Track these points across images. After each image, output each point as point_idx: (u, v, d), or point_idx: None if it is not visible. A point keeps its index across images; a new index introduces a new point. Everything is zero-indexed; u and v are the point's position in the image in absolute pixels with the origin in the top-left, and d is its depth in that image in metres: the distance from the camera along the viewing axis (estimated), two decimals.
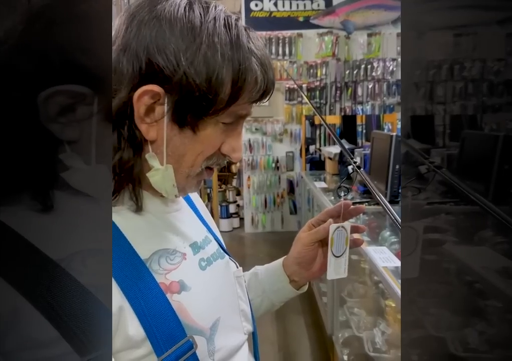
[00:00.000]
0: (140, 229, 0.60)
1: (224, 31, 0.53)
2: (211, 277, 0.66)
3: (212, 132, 0.57)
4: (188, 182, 0.61)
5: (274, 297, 0.83)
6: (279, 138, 4.99)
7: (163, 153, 0.57)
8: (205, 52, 0.52)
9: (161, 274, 0.58)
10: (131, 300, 0.53)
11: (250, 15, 4.76)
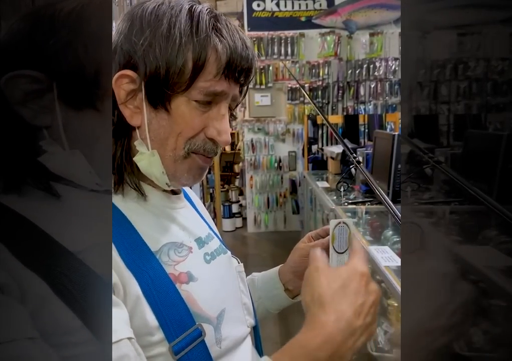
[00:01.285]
0: (149, 223, 0.62)
1: (185, 14, 0.57)
2: (215, 270, 0.67)
3: (185, 110, 0.58)
4: (176, 168, 0.61)
5: (269, 303, 0.84)
6: (281, 137, 4.99)
7: (147, 138, 0.59)
8: (164, 31, 0.55)
9: (170, 265, 0.60)
10: (143, 290, 0.55)
11: (253, 15, 4.76)
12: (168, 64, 0.55)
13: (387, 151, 2.39)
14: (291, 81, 4.81)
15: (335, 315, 0.54)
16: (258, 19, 4.76)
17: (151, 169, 0.60)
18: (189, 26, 0.56)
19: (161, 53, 0.55)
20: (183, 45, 0.55)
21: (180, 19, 0.56)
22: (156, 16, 0.57)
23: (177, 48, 0.55)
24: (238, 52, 0.58)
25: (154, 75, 0.56)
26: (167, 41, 0.55)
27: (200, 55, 0.56)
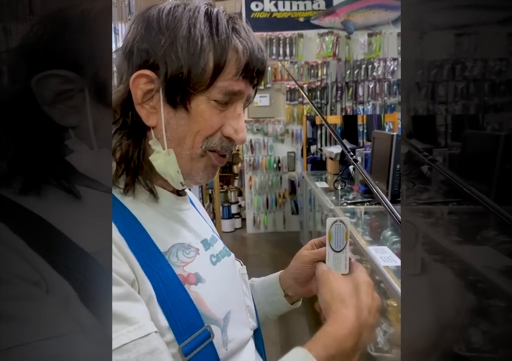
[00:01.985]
0: (158, 223, 0.62)
1: (203, 16, 0.58)
2: (220, 272, 0.68)
3: (205, 109, 0.59)
4: (192, 166, 0.62)
5: (268, 309, 0.84)
6: (280, 138, 4.99)
7: (163, 137, 0.60)
8: (185, 32, 0.57)
9: (179, 266, 0.61)
10: (155, 290, 0.56)
11: (251, 16, 4.76)
12: (191, 65, 0.56)
13: (385, 151, 2.40)
14: (290, 82, 4.81)
15: (355, 310, 0.60)
16: (256, 20, 4.76)
17: (166, 168, 0.61)
18: (208, 27, 0.57)
19: (183, 54, 0.56)
20: (204, 46, 0.57)
21: (200, 21, 0.57)
22: (174, 17, 0.58)
23: (199, 49, 0.56)
24: (256, 54, 0.60)
25: (176, 75, 0.57)
26: (188, 42, 0.56)
27: (222, 55, 0.57)
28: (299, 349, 0.57)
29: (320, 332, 0.59)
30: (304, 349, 0.57)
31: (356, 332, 0.58)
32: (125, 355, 0.48)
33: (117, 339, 0.48)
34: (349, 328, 0.58)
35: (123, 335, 0.49)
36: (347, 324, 0.58)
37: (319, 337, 0.58)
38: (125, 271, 0.53)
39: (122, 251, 0.54)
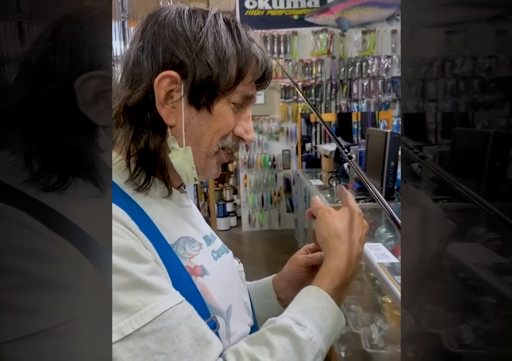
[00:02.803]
0: (165, 217, 0.66)
1: (224, 24, 0.63)
2: (221, 267, 0.71)
3: (225, 111, 0.64)
4: (207, 163, 0.67)
5: (261, 311, 0.85)
6: (275, 136, 4.99)
7: (182, 136, 0.64)
8: (211, 39, 0.61)
9: (186, 257, 0.64)
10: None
11: (245, 14, 4.75)
12: (219, 71, 0.61)
13: (379, 149, 2.40)
14: (284, 80, 4.81)
15: (348, 244, 0.68)
16: (250, 17, 4.75)
17: (183, 164, 0.65)
18: (231, 36, 0.63)
19: (212, 60, 0.60)
20: (230, 54, 0.61)
21: (223, 29, 0.62)
22: (197, 24, 0.62)
23: (226, 56, 0.61)
24: (269, 62, 0.67)
25: (204, 79, 0.61)
26: (216, 49, 0.61)
27: (245, 63, 0.63)
28: (311, 287, 0.65)
29: (324, 268, 0.67)
30: (315, 286, 0.65)
31: (353, 262, 0.67)
32: (168, 321, 0.53)
33: (157, 308, 0.53)
34: (347, 261, 0.66)
35: (161, 303, 0.53)
36: (345, 258, 0.67)
37: (324, 273, 0.66)
38: (148, 253, 0.58)
39: (141, 238, 0.58)
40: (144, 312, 0.52)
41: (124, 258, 0.54)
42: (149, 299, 0.53)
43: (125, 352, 0.50)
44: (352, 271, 0.67)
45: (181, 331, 0.54)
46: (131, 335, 0.51)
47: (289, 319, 0.60)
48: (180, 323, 0.54)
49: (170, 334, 0.53)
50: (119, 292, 0.52)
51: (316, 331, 0.60)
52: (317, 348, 0.59)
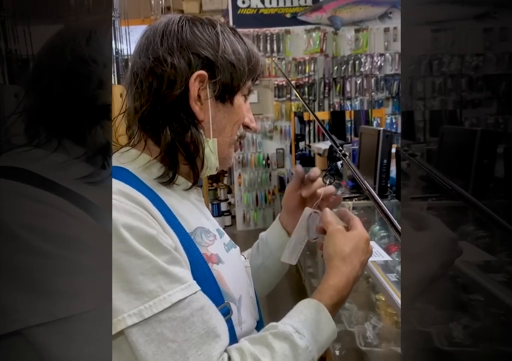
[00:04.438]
0: (183, 208, 0.70)
1: (231, 32, 0.73)
2: (232, 259, 0.76)
3: (241, 103, 0.74)
4: (228, 152, 0.75)
5: (281, 254, 0.89)
6: (269, 135, 4.99)
7: (209, 129, 0.71)
8: (227, 42, 0.71)
9: (203, 246, 0.69)
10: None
11: (238, 13, 4.75)
12: (240, 69, 0.71)
13: (372, 147, 2.40)
14: (278, 78, 4.81)
15: (351, 267, 0.71)
16: (243, 16, 4.75)
17: (210, 155, 0.72)
18: (237, 40, 0.72)
19: (233, 62, 0.70)
20: (243, 55, 0.71)
21: (231, 34, 0.72)
22: (212, 32, 0.71)
23: (242, 57, 0.71)
24: (263, 61, 0.77)
25: (228, 78, 0.70)
26: (233, 52, 0.70)
27: (254, 62, 0.73)
28: (311, 300, 0.69)
29: (324, 284, 0.71)
30: (315, 300, 0.69)
31: (351, 283, 0.71)
32: (182, 312, 0.57)
33: (174, 296, 0.57)
34: (346, 281, 0.71)
35: (178, 292, 0.57)
36: (345, 278, 0.71)
37: (325, 289, 0.70)
38: (169, 241, 0.61)
39: (161, 224, 0.62)
40: (162, 298, 0.56)
41: (149, 245, 0.57)
42: (168, 287, 0.57)
43: (143, 336, 0.54)
44: (349, 290, 0.71)
45: (193, 322, 0.58)
46: (149, 320, 0.55)
47: (290, 327, 0.64)
48: (193, 315, 0.58)
49: (183, 324, 0.57)
50: (142, 276, 0.56)
51: (312, 341, 0.64)
52: (311, 357, 0.64)
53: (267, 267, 0.93)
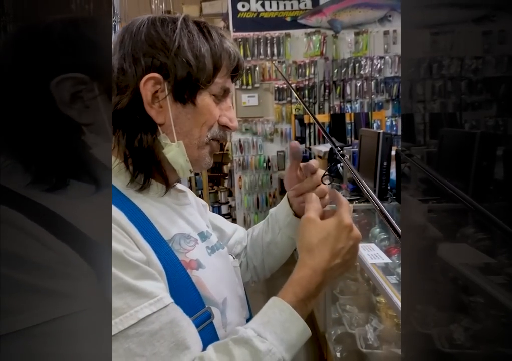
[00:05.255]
0: (161, 215, 0.70)
1: (194, 25, 0.69)
2: (216, 262, 0.75)
3: (208, 103, 0.70)
4: (200, 154, 0.72)
5: (289, 231, 0.91)
6: (269, 137, 4.99)
7: (172, 132, 0.68)
8: (185, 39, 0.66)
9: (182, 252, 0.69)
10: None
11: (238, 16, 4.75)
12: (197, 67, 0.66)
13: (372, 149, 2.41)
14: (278, 81, 4.81)
15: (318, 258, 0.67)
16: (243, 19, 4.75)
17: (177, 158, 0.69)
18: (202, 35, 0.68)
19: (190, 58, 0.66)
20: (205, 50, 0.67)
21: (195, 29, 0.68)
22: (171, 29, 0.67)
23: (202, 53, 0.67)
24: (241, 56, 0.73)
25: (185, 76, 0.66)
26: (192, 49, 0.66)
27: (219, 57, 0.69)
28: (275, 300, 0.66)
29: (288, 281, 0.68)
30: (279, 299, 0.66)
31: (319, 275, 0.67)
32: (151, 326, 0.56)
33: (141, 311, 0.56)
34: (312, 275, 0.67)
35: (146, 307, 0.56)
36: (309, 272, 0.67)
37: (288, 286, 0.68)
38: (138, 255, 0.60)
39: (133, 237, 0.61)
40: (129, 315, 0.55)
41: (114, 262, 0.56)
42: (135, 303, 0.56)
43: None
44: (319, 283, 0.67)
45: (162, 336, 0.57)
46: (116, 336, 0.54)
47: (252, 331, 0.62)
48: (162, 328, 0.57)
49: (152, 339, 0.56)
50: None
51: (276, 342, 0.62)
52: (277, 359, 0.61)
53: (277, 243, 0.93)
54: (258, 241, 0.98)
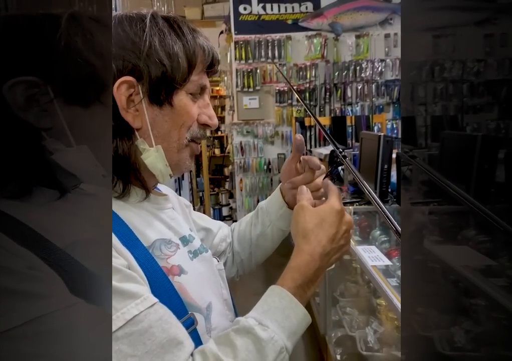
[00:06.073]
0: (140, 221, 0.68)
1: (163, 21, 0.66)
2: (198, 266, 0.74)
3: (185, 103, 0.67)
4: (179, 157, 0.69)
5: (281, 223, 0.92)
6: (270, 140, 4.99)
7: (150, 136, 0.66)
8: (156, 37, 0.63)
9: (162, 258, 0.67)
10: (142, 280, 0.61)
11: (239, 19, 4.76)
12: (170, 66, 0.64)
13: (373, 152, 2.41)
14: (279, 84, 4.82)
15: (314, 243, 0.68)
16: (244, 22, 4.76)
17: (156, 163, 0.67)
18: (173, 31, 0.65)
19: (162, 58, 0.63)
20: (178, 48, 0.64)
21: (165, 26, 0.65)
22: (140, 28, 0.64)
23: (174, 51, 0.64)
24: (215, 51, 0.70)
25: (159, 76, 0.64)
26: (163, 47, 0.63)
27: (193, 53, 0.66)
28: (274, 287, 0.66)
29: (287, 267, 0.68)
30: (278, 286, 0.66)
31: (317, 260, 0.67)
32: (140, 325, 0.55)
33: (128, 312, 0.55)
34: (309, 260, 0.67)
35: (132, 308, 0.55)
36: (306, 257, 0.67)
37: (286, 273, 0.67)
38: (119, 261, 0.59)
39: (114, 245, 0.60)
40: (116, 317, 0.54)
41: None
42: (121, 304, 0.55)
43: None
44: (316, 268, 0.67)
45: (152, 333, 0.56)
46: None
47: (253, 320, 0.62)
48: (151, 326, 0.56)
49: (142, 337, 0.55)
50: None
51: (278, 330, 0.62)
52: (279, 346, 0.61)
53: (267, 235, 0.93)
54: (246, 235, 0.98)
